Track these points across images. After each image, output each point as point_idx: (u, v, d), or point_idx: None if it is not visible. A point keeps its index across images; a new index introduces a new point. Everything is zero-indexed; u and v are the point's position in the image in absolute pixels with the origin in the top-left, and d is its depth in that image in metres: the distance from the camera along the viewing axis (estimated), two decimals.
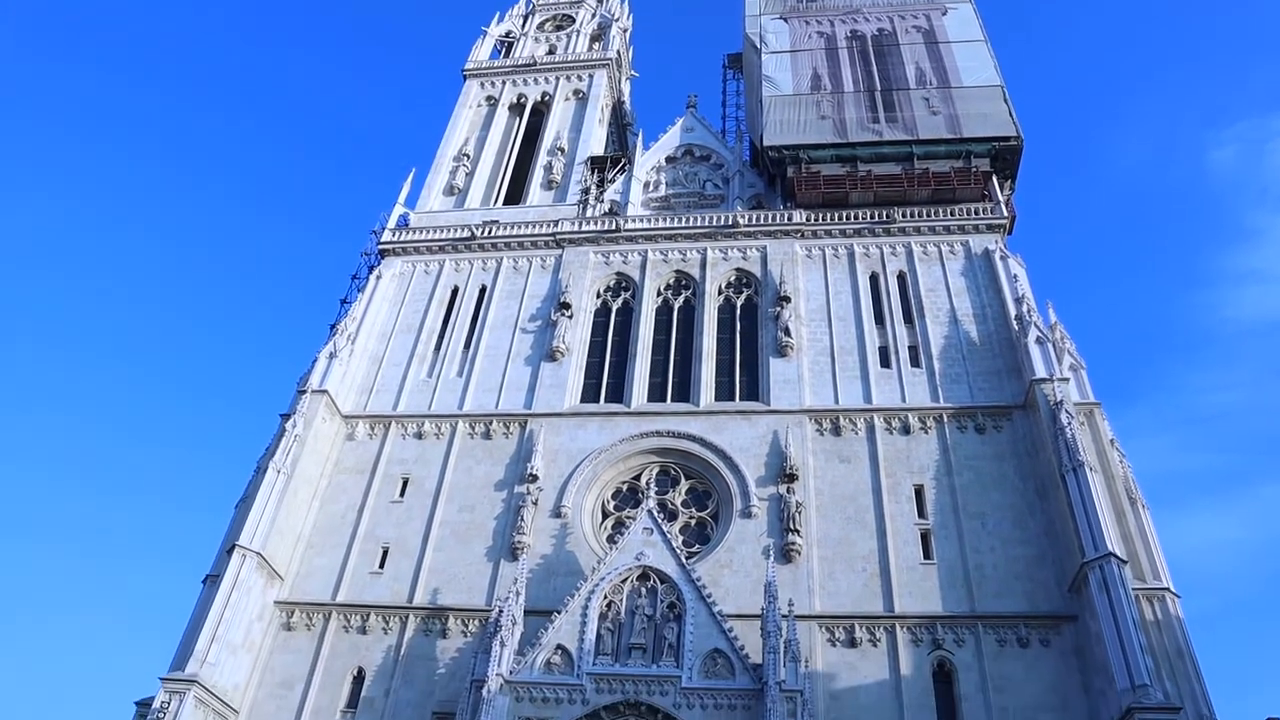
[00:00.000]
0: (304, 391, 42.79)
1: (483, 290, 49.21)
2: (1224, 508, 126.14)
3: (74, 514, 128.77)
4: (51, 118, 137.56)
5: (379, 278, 49.86)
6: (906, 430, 39.68)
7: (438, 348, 46.89)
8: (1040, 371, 38.67)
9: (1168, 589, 33.46)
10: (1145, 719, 28.46)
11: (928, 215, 48.01)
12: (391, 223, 53.12)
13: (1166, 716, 28.65)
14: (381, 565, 38.95)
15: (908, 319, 44.26)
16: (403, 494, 41.04)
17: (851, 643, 33.99)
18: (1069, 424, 35.92)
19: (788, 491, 37.67)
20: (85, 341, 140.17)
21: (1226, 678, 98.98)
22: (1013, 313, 42.12)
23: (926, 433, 39.54)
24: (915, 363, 42.34)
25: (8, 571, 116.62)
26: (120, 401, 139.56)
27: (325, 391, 42.82)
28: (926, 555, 35.99)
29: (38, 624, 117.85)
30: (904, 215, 48.05)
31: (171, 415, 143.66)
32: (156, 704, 33.00)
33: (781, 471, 38.33)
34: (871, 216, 48.45)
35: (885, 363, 42.50)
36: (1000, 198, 48.41)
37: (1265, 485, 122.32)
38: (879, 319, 44.42)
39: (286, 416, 42.09)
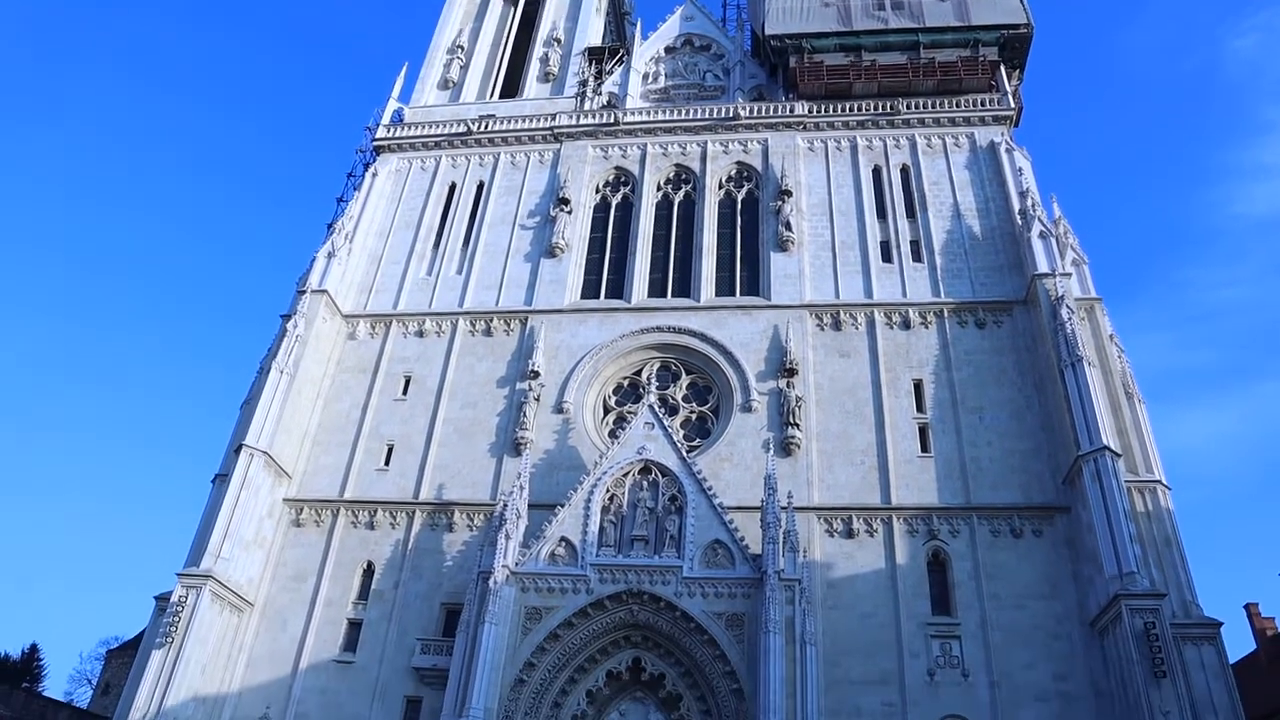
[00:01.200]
0: (303, 292, 42.65)
1: (480, 186, 48.53)
2: (1220, 403, 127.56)
3: (90, 412, 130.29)
4: (48, 38, 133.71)
5: (375, 175, 49.09)
6: (907, 325, 39.71)
7: (436, 245, 46.52)
8: (1042, 266, 38.45)
9: (1159, 481, 34.02)
10: (1131, 604, 29.40)
11: (933, 106, 46.97)
12: (386, 119, 52.00)
13: (1151, 602, 29.53)
14: (387, 462, 39.53)
15: (910, 213, 43.77)
16: (405, 392, 41.35)
17: (849, 533, 34.79)
18: (1069, 319, 35.92)
19: (787, 386, 37.94)
20: (92, 252, 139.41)
21: (1211, 566, 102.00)
22: (1016, 207, 41.64)
23: (927, 327, 39.57)
24: (917, 257, 42.08)
25: (36, 465, 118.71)
26: (125, 308, 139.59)
27: (325, 291, 42.68)
28: (924, 449, 36.49)
29: (64, 519, 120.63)
30: (909, 107, 47.02)
31: (177, 320, 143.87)
32: (174, 598, 33.97)
33: (781, 366, 38.52)
34: (875, 108, 47.40)
35: (886, 257, 42.25)
36: (1008, 89, 47.27)
37: (1263, 382, 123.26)
38: (881, 213, 43.93)
39: (287, 317, 42.06)
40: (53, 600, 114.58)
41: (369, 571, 37.04)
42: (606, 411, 40.21)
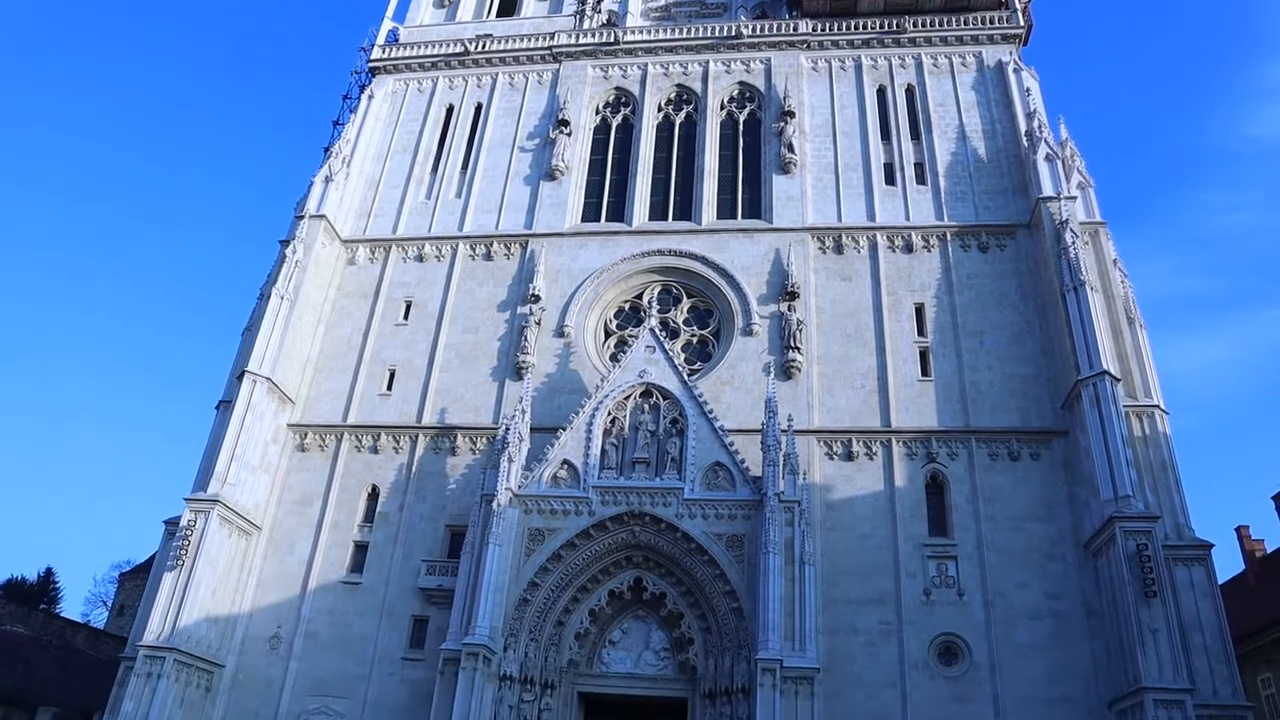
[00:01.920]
0: (301, 217, 42.25)
1: (478, 108, 47.70)
2: (1221, 329, 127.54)
3: (92, 340, 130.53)
4: None
5: (370, 97, 48.21)
6: (909, 248, 39.44)
7: (435, 169, 45.94)
8: (1047, 189, 38.03)
9: (1157, 406, 34.22)
10: (1125, 527, 29.84)
11: (940, 24, 45.84)
12: (381, 39, 50.88)
13: (1144, 525, 29.96)
14: (389, 387, 39.70)
15: (914, 135, 43.09)
16: (406, 317, 41.31)
17: (849, 456, 35.10)
18: (1073, 243, 35.67)
19: (789, 309, 37.87)
20: (88, 184, 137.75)
21: (1204, 490, 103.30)
22: (1023, 128, 41.01)
23: (929, 251, 39.32)
24: (920, 180, 41.58)
25: (42, 393, 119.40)
26: (124, 238, 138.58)
27: (323, 216, 42.30)
28: (924, 372, 36.59)
29: (72, 446, 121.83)
30: (915, 24, 45.87)
31: (176, 248, 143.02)
32: (183, 522, 34.48)
33: (783, 289, 38.40)
34: (881, 26, 46.28)
35: (890, 180, 41.73)
36: (1018, 6, 46.02)
37: (1265, 308, 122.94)
38: (885, 134, 43.25)
39: (286, 243, 41.75)
40: (65, 525, 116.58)
41: (374, 495, 37.51)
42: (608, 335, 40.22)
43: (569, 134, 44.77)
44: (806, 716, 28.27)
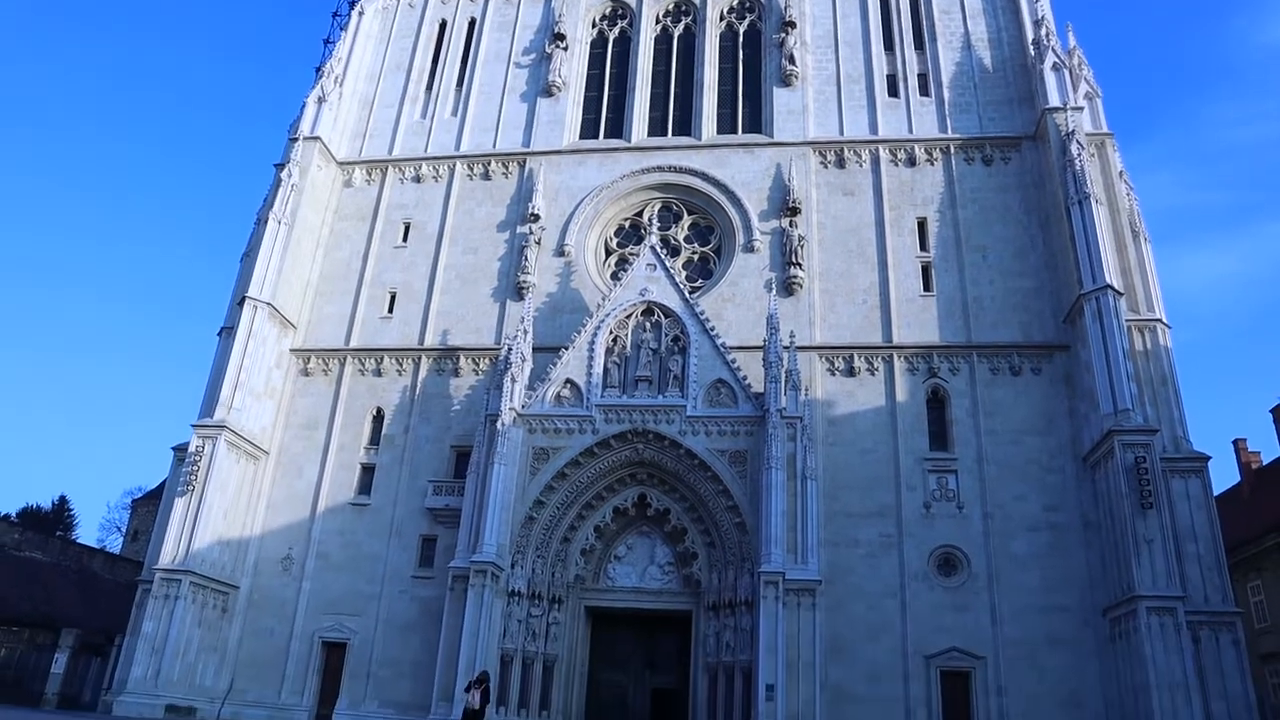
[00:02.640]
0: (295, 139, 41.57)
1: (472, 23, 46.46)
2: (1226, 243, 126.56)
3: (92, 267, 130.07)
4: None
5: (361, 14, 46.84)
6: (912, 162, 38.87)
7: (429, 87, 45.01)
8: (1054, 100, 37.24)
9: (1159, 320, 34.11)
10: (1124, 440, 30.12)
11: None
12: None
13: (1143, 438, 30.25)
14: (390, 310, 39.66)
15: (919, 45, 42.01)
16: (405, 239, 41.01)
17: (850, 372, 35.20)
18: (1079, 155, 35.10)
19: (790, 225, 37.52)
20: (80, 112, 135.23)
21: (1203, 403, 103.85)
22: (1030, 37, 39.97)
23: (932, 164, 38.75)
24: (924, 91, 40.71)
25: (44, 322, 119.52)
26: (117, 165, 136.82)
27: (317, 138, 41.65)
28: (926, 287, 36.42)
29: (78, 376, 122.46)
30: None
31: (170, 174, 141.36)
32: (191, 448, 34.88)
33: (784, 205, 37.98)
34: None
35: (893, 91, 40.86)
36: None
37: (1270, 222, 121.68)
38: (888, 45, 42.16)
39: (281, 166, 41.15)
40: (76, 454, 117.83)
41: (379, 417, 37.79)
42: (608, 254, 39.96)
43: (565, 49, 43.73)
44: (809, 627, 28.96)
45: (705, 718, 30.53)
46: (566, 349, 34.47)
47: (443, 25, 46.73)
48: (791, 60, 41.33)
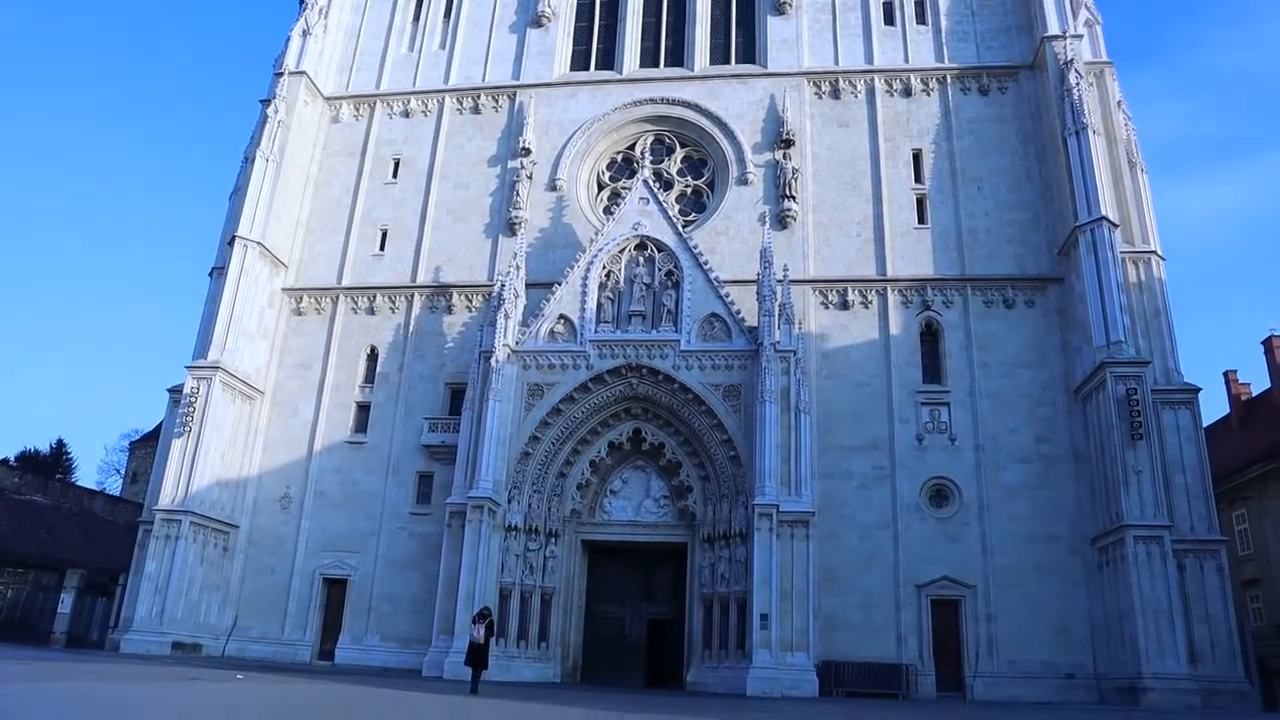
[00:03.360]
0: (281, 74, 40.76)
1: None
2: (1225, 175, 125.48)
3: (71, 204, 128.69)
4: None
5: None
6: (908, 92, 38.30)
7: (416, 18, 43.95)
8: (1053, 27, 36.61)
9: (1154, 252, 34.05)
10: (1116, 371, 30.34)
11: None
12: None
13: (1135, 369, 30.49)
14: (382, 247, 39.38)
15: None
16: (395, 175, 40.54)
17: (844, 305, 35.17)
18: (1077, 84, 34.62)
19: (784, 157, 37.12)
20: (55, 47, 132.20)
21: (1196, 335, 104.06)
22: None
23: (929, 95, 38.20)
24: (921, 19, 39.88)
25: (31, 265, 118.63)
26: (105, 96, 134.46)
27: (303, 73, 40.87)
28: (921, 220, 36.21)
29: (69, 318, 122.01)
30: None
31: (155, 111, 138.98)
32: (186, 390, 34.91)
33: (778, 137, 37.53)
34: None
35: (889, 19, 40.00)
36: None
37: (1267, 152, 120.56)
38: None
39: (267, 102, 40.48)
40: (71, 398, 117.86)
41: (373, 356, 37.80)
42: (600, 188, 39.57)
43: None
44: (802, 558, 29.40)
45: (701, 647, 31.12)
46: (559, 284, 34.32)
47: None
48: None
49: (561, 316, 33.85)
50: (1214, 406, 51.05)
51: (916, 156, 37.23)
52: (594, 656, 33.65)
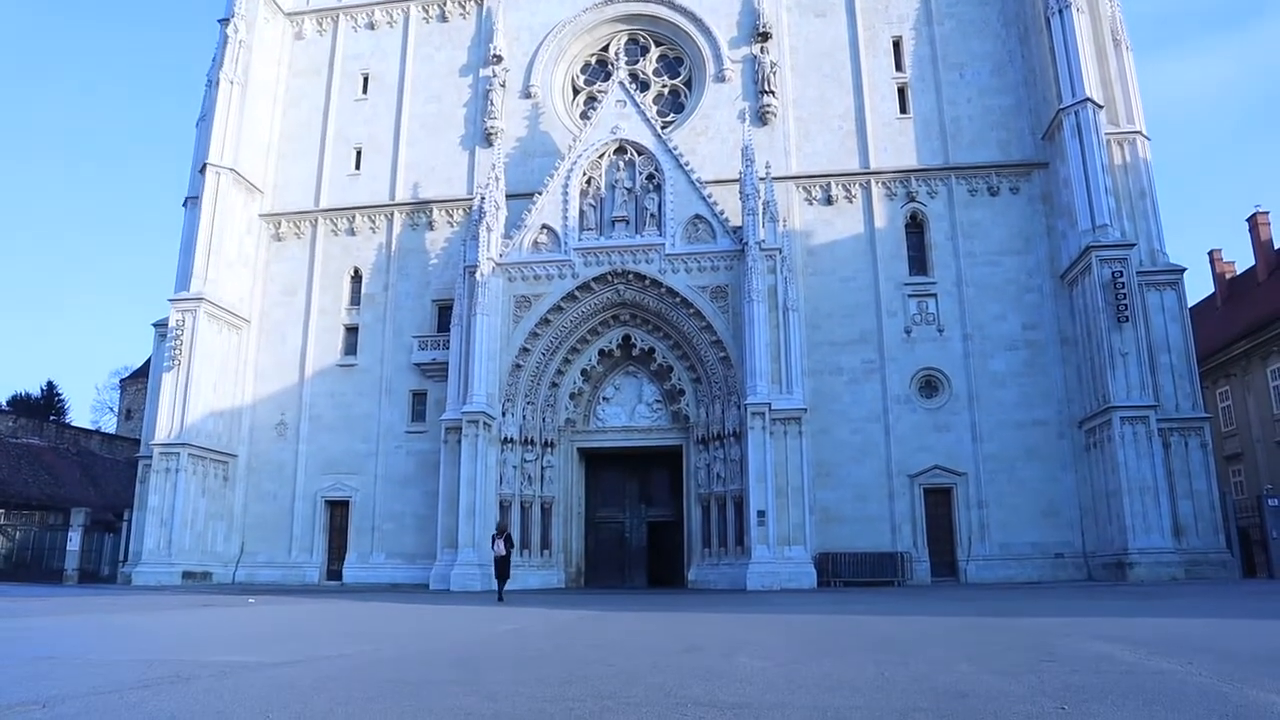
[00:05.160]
0: None
1: None
2: (1211, 49, 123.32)
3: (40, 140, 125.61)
4: None
5: None
6: None
7: None
8: None
9: (1139, 132, 33.69)
10: (1101, 255, 30.37)
11: None
12: None
13: (1120, 252, 30.53)
14: (357, 166, 38.69)
15: None
16: (365, 91, 39.54)
17: (828, 200, 34.89)
18: None
19: (761, 52, 36.27)
20: None
21: (1182, 215, 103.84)
22: None
23: None
24: None
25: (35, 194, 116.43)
26: (72, 32, 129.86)
27: None
28: (903, 110, 35.66)
29: (52, 257, 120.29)
30: None
31: (115, 38, 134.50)
32: (172, 323, 34.71)
33: (755, 31, 36.57)
34: None
35: None
36: None
37: (1253, 28, 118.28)
38: None
39: (226, 22, 39.14)
40: (56, 340, 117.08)
41: (356, 277, 37.52)
42: (576, 92, 38.75)
43: None
44: (795, 454, 29.79)
45: (701, 546, 31.81)
46: (540, 194, 33.87)
47: None
48: None
49: (544, 226, 33.51)
50: (1199, 286, 51.27)
51: (896, 44, 36.44)
52: (596, 561, 34.42)
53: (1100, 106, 32.47)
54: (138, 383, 63.68)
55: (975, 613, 14.77)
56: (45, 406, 71.13)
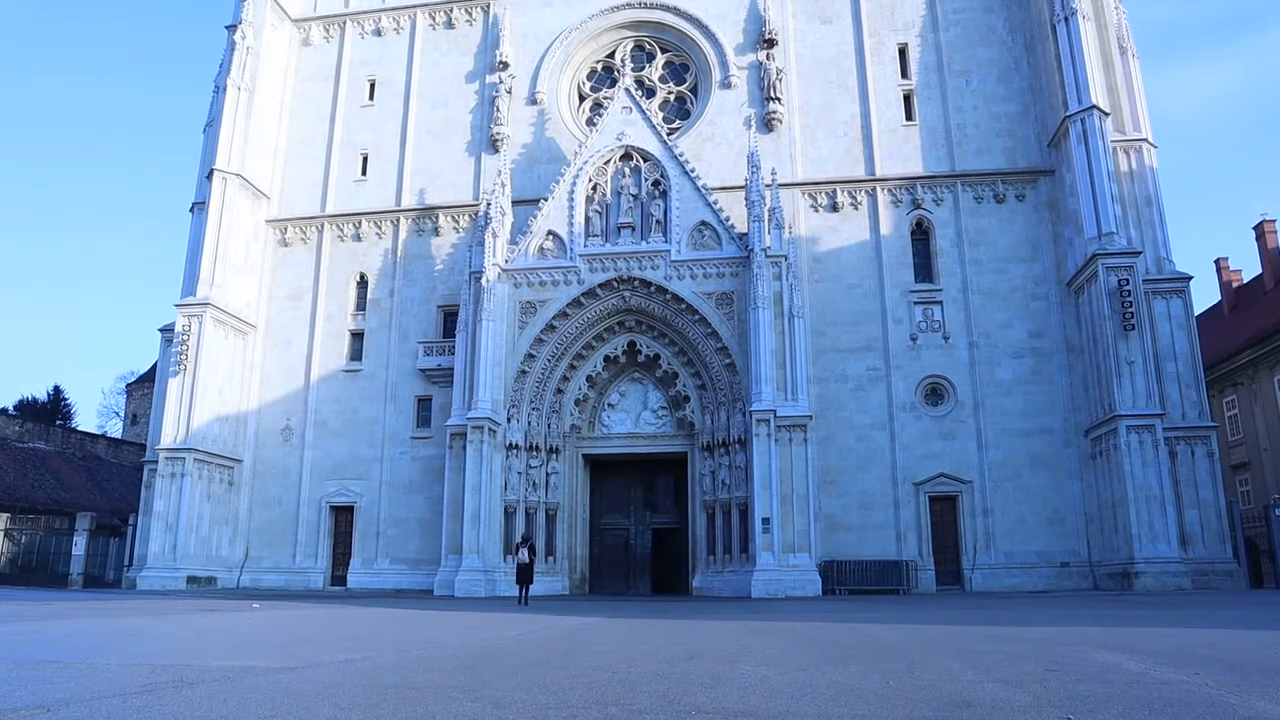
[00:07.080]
0: None
1: None
2: (1217, 57, 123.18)
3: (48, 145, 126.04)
4: None
5: None
6: None
7: None
8: None
9: (1145, 140, 33.68)
10: (1108, 263, 30.31)
11: None
12: None
13: (1126, 260, 30.45)
14: (364, 172, 38.79)
15: None
16: (372, 97, 39.68)
17: (834, 207, 34.87)
18: None
19: (767, 58, 36.32)
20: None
21: (1189, 223, 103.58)
22: None
23: None
24: None
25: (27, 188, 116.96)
26: (86, 35, 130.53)
27: None
28: (909, 117, 35.67)
29: (60, 264, 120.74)
30: None
31: (126, 40, 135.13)
32: (178, 328, 34.79)
33: (760, 37, 36.63)
34: None
35: None
36: None
37: (1261, 35, 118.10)
38: None
39: (234, 28, 39.33)
40: (62, 346, 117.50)
41: (362, 283, 37.59)
42: (582, 99, 38.82)
43: None
44: (800, 461, 29.73)
45: (705, 553, 31.73)
46: (546, 200, 33.92)
47: None
48: None
49: (550, 232, 33.54)
50: (1205, 294, 51.21)
51: (902, 51, 36.46)
52: (601, 567, 34.37)
53: (1106, 114, 32.46)
54: (144, 387, 63.82)
55: (980, 622, 14.71)
56: (51, 411, 71.32)
